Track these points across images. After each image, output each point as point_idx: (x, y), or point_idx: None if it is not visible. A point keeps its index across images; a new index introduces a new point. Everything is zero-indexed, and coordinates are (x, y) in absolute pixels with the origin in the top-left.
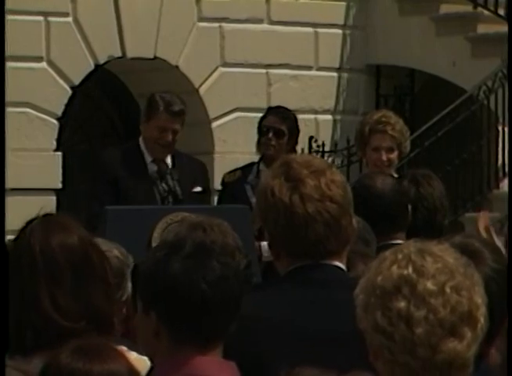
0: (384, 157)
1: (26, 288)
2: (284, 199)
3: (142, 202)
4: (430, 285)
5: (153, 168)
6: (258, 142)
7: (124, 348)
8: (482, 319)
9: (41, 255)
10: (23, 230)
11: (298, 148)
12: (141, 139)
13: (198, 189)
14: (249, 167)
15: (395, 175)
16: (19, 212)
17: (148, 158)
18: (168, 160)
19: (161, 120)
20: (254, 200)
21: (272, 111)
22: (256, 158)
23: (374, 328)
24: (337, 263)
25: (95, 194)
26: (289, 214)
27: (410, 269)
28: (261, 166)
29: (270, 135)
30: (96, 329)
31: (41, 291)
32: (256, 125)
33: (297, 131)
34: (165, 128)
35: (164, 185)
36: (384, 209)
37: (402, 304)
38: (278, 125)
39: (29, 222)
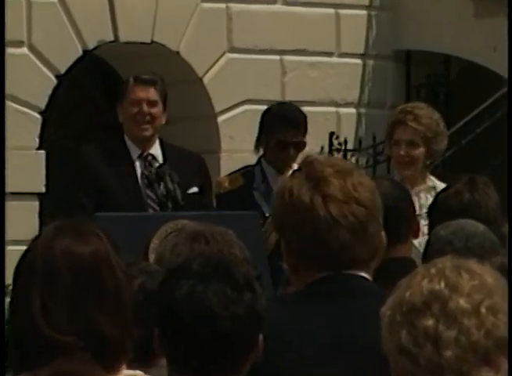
0: (403, 152)
1: (20, 293)
2: (304, 199)
3: (127, 205)
4: (463, 303)
5: (141, 164)
6: (258, 140)
7: (140, 373)
8: None
9: (41, 259)
10: (37, 236)
11: (317, 145)
12: (126, 136)
13: (194, 189)
14: (247, 172)
15: (432, 179)
16: None
17: (134, 153)
18: (158, 152)
19: (132, 93)
20: (266, 208)
21: (287, 121)
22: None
23: (398, 349)
24: (363, 274)
25: (74, 199)
26: (309, 216)
27: (442, 285)
28: (270, 169)
29: (291, 151)
30: (95, 350)
31: (33, 296)
32: (260, 121)
33: (306, 132)
34: (139, 100)
35: (162, 188)
36: None
37: (430, 322)
38: (300, 138)
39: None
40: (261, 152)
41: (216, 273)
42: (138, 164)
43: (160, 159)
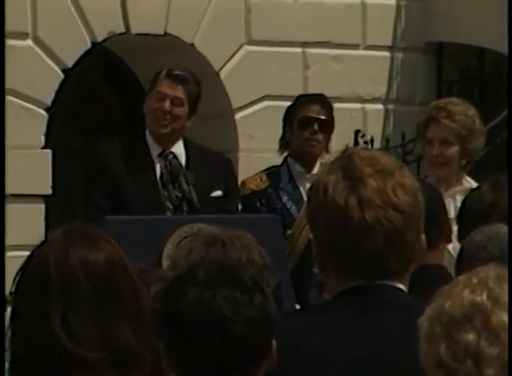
0: (436, 151)
1: (35, 308)
2: (338, 200)
3: (145, 207)
4: (506, 318)
5: (161, 163)
6: (283, 138)
7: None
8: None
9: (57, 270)
10: (41, 244)
11: (342, 144)
12: (147, 132)
13: (218, 193)
14: (273, 173)
15: (468, 180)
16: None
17: (155, 151)
18: (181, 151)
19: (160, 85)
20: (292, 208)
21: (309, 98)
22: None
23: (436, 363)
24: (398, 285)
25: (90, 199)
26: (342, 219)
27: (484, 297)
28: (297, 167)
29: (315, 127)
30: (118, 365)
31: (52, 311)
32: (283, 116)
33: (333, 124)
34: (163, 95)
35: (176, 190)
36: None
37: (471, 336)
38: (323, 116)
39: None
40: (286, 153)
41: (223, 278)
42: (158, 163)
43: (183, 159)
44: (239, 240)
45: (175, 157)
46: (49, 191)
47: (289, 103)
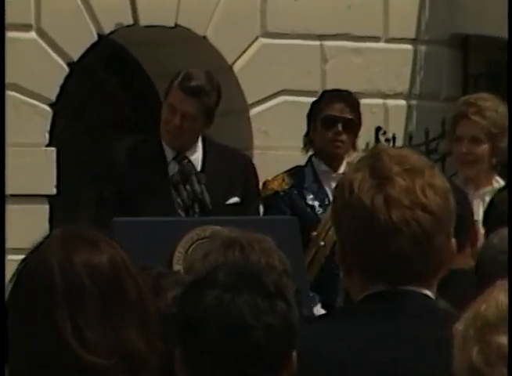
0: (465, 149)
1: (40, 315)
2: (364, 198)
3: (156, 208)
4: None
5: (174, 167)
6: (307, 135)
7: None
8: None
9: (61, 275)
10: (36, 248)
11: (362, 142)
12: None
13: (234, 199)
14: (297, 172)
15: (499, 180)
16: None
17: (169, 154)
18: (197, 154)
19: (172, 97)
20: (319, 210)
21: (333, 95)
22: (305, 157)
23: (468, 368)
24: (425, 291)
25: (101, 198)
26: (367, 219)
27: None
28: (322, 166)
29: (339, 127)
30: (129, 369)
31: (60, 319)
32: (307, 113)
33: (360, 122)
34: (174, 109)
35: (188, 190)
36: None
37: (504, 339)
38: (348, 115)
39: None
40: (310, 152)
41: (244, 282)
42: (172, 166)
43: (199, 162)
44: (258, 244)
45: (190, 162)
46: (53, 191)
47: (306, 99)
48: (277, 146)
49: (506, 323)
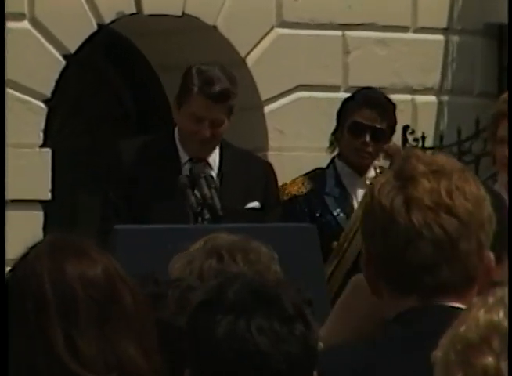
0: (507, 152)
1: (31, 329)
2: (383, 201)
3: (170, 218)
4: None
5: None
6: (334, 133)
7: None
8: None
9: (52, 288)
10: (24, 257)
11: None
12: (177, 129)
13: (254, 204)
14: (317, 175)
15: None
16: None
17: (184, 156)
18: (215, 157)
19: (194, 105)
20: (341, 218)
21: (365, 99)
22: (324, 159)
23: None
24: (458, 305)
25: (106, 201)
26: (386, 222)
27: (501, 314)
28: (346, 170)
29: (367, 137)
30: None
31: (53, 333)
32: (327, 110)
33: (395, 126)
34: (200, 118)
35: (195, 195)
36: None
37: (490, 360)
38: (378, 123)
39: (31, 248)
40: (335, 152)
41: (259, 303)
42: (187, 168)
43: (216, 165)
44: (242, 254)
45: (208, 164)
46: (48, 196)
47: (326, 95)
48: (294, 147)
49: (489, 341)
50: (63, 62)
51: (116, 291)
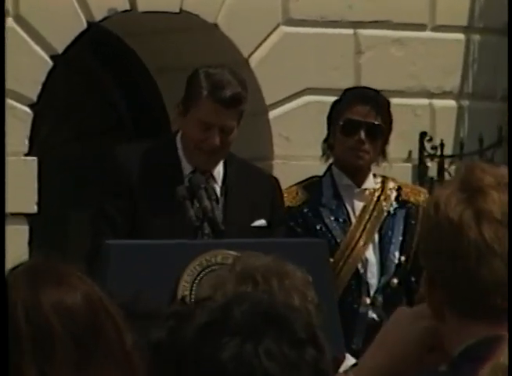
0: None
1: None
2: (451, 215)
3: (169, 236)
4: None
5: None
6: (326, 140)
7: None
8: None
9: (26, 319)
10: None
11: (404, 150)
12: (179, 137)
13: (261, 222)
14: (312, 185)
15: None
16: None
17: (187, 167)
18: (219, 169)
19: (203, 110)
20: (336, 230)
21: (356, 95)
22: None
23: None
24: None
25: (102, 213)
26: (455, 238)
27: None
28: (344, 179)
29: (362, 134)
30: None
31: (26, 369)
32: (327, 114)
33: (391, 124)
34: (209, 124)
35: (196, 207)
36: None
37: None
38: (373, 119)
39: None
40: (330, 160)
41: (267, 326)
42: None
43: (220, 178)
44: (278, 279)
45: (213, 177)
46: (34, 209)
47: (335, 98)
48: (301, 156)
49: None
50: (50, 63)
51: (98, 322)
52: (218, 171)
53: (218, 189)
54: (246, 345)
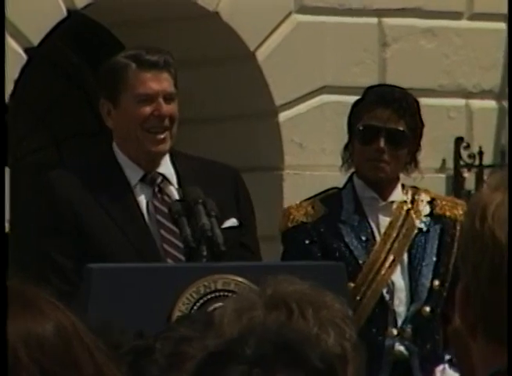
0: None
1: None
2: (498, 233)
3: (126, 254)
4: None
5: (147, 191)
6: (347, 147)
7: None
8: None
9: None
10: None
11: (437, 158)
12: (115, 144)
13: (232, 221)
14: (331, 198)
15: None
16: None
17: (134, 175)
18: (169, 170)
19: (138, 85)
20: (358, 250)
21: (377, 96)
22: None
23: None
24: None
25: (44, 258)
26: (499, 259)
27: None
28: (367, 192)
29: (381, 143)
30: None
31: None
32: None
33: (422, 128)
34: (149, 95)
35: (192, 226)
36: None
37: None
38: (394, 124)
39: None
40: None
41: (279, 355)
42: (140, 190)
43: (174, 180)
44: (314, 309)
45: (166, 179)
46: (5, 227)
47: (356, 98)
48: (315, 165)
49: None
50: (25, 57)
51: (72, 354)
52: (170, 172)
53: (174, 192)
54: (253, 372)
